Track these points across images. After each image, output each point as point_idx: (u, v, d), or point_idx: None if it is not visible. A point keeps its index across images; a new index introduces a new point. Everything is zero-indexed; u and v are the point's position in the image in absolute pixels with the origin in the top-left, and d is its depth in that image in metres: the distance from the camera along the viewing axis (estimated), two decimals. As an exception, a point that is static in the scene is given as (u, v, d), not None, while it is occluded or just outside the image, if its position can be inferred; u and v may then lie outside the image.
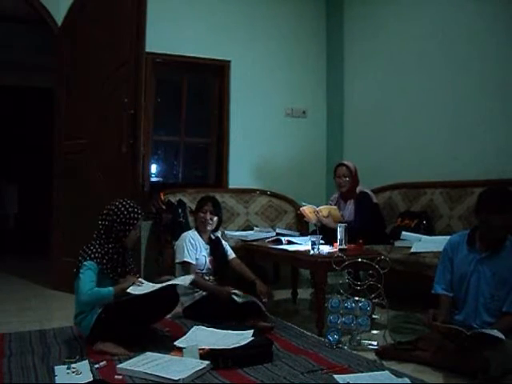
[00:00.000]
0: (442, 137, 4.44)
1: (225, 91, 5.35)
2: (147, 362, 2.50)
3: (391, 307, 3.10)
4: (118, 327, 2.79)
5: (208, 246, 3.63)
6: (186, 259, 3.48)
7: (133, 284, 2.85)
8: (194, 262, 3.50)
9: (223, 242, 3.76)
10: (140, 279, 2.93)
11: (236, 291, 3.31)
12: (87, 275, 2.80)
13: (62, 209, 4.60)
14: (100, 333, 2.80)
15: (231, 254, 3.72)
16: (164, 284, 2.93)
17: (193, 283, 3.45)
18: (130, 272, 3.01)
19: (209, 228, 3.62)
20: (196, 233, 3.63)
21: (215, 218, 3.63)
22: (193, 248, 3.52)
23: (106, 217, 2.95)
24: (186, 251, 3.49)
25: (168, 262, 4.24)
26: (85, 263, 2.82)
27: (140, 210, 3.01)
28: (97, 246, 2.88)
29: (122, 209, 2.94)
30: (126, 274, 2.98)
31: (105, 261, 2.87)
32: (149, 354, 2.65)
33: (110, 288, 2.82)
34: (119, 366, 2.49)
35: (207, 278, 3.56)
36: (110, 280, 2.89)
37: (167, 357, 2.61)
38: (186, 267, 3.48)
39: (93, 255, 2.84)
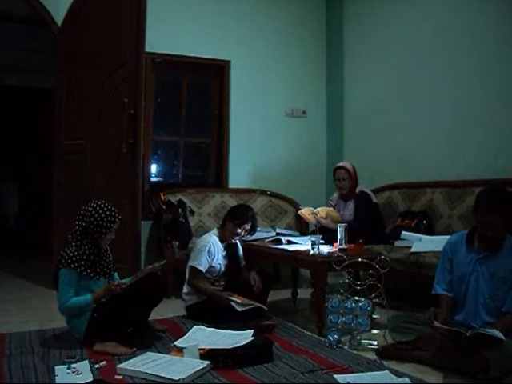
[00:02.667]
0: (442, 137, 4.44)
1: (225, 91, 5.35)
2: (147, 362, 2.50)
3: (391, 307, 3.10)
4: (113, 324, 2.80)
5: (225, 252, 3.61)
6: (200, 268, 3.45)
7: (108, 288, 2.85)
8: (204, 272, 3.48)
9: (239, 246, 3.74)
10: (116, 282, 2.94)
11: (235, 298, 3.29)
12: (64, 286, 2.82)
13: (62, 209, 4.59)
14: (96, 333, 2.81)
15: (242, 261, 3.72)
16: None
17: (194, 289, 3.46)
18: (108, 270, 3.02)
19: (234, 241, 3.63)
20: (217, 237, 3.59)
21: (246, 235, 3.65)
22: (209, 257, 3.49)
23: (82, 218, 2.94)
24: (203, 259, 3.46)
25: (169, 261, 4.24)
26: (62, 271, 2.83)
27: (117, 214, 2.97)
28: (73, 249, 2.87)
29: (100, 211, 2.92)
30: (105, 272, 2.99)
31: (83, 262, 2.86)
32: (149, 353, 2.65)
33: (88, 295, 2.82)
34: (119, 366, 2.49)
35: (217, 283, 3.57)
36: (92, 280, 2.90)
37: (167, 357, 2.61)
38: (196, 274, 3.47)
39: (70, 260, 2.83)
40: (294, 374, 2.46)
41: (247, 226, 3.55)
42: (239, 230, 3.53)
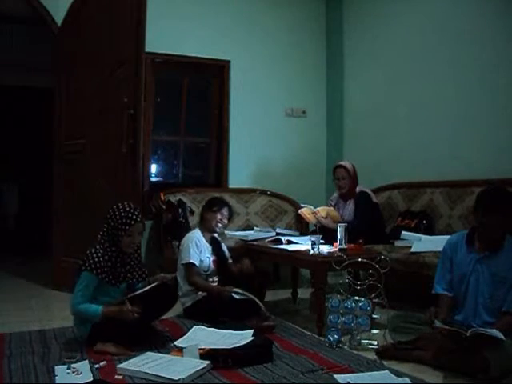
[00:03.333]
0: (442, 136, 4.44)
1: (225, 91, 5.35)
2: (147, 362, 2.50)
3: (391, 307, 3.10)
4: (118, 328, 2.79)
5: (210, 247, 3.64)
6: (191, 260, 3.48)
7: (121, 311, 2.76)
8: (197, 264, 3.50)
9: (222, 243, 3.77)
10: (131, 308, 2.77)
11: (237, 290, 3.34)
12: (80, 288, 2.79)
13: (62, 209, 4.59)
14: (100, 334, 2.79)
15: (229, 258, 3.73)
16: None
17: (193, 286, 3.47)
18: (133, 277, 2.99)
19: (219, 230, 3.66)
20: (200, 233, 3.63)
21: (226, 222, 3.70)
22: (197, 250, 3.52)
23: (105, 219, 2.94)
24: (192, 252, 3.49)
25: (168, 261, 4.24)
26: (83, 273, 2.80)
27: (135, 216, 2.89)
28: (99, 253, 2.84)
29: (117, 212, 2.90)
30: (129, 278, 2.96)
31: (106, 269, 2.82)
32: (149, 353, 2.65)
33: (99, 309, 2.77)
34: (119, 366, 2.49)
35: (211, 279, 3.58)
36: (112, 286, 2.87)
37: (167, 357, 2.61)
38: (190, 269, 3.49)
39: (93, 265, 2.79)
40: (294, 374, 2.46)
41: (225, 212, 3.63)
42: (219, 216, 3.61)
